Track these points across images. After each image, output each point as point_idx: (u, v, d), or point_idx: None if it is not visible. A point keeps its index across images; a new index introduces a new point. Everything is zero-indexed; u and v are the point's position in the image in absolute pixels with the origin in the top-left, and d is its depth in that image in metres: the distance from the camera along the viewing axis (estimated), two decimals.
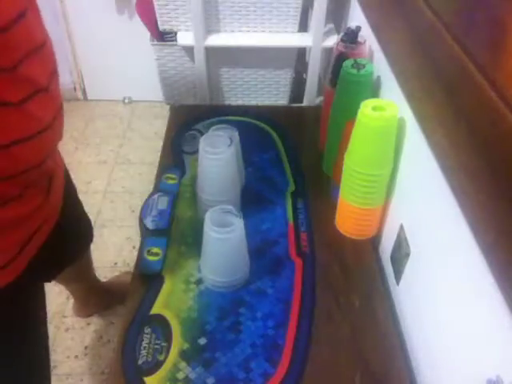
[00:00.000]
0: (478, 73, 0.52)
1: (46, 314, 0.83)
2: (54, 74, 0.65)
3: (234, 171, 0.86)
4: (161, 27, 1.32)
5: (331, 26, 1.34)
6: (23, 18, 0.54)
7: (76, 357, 1.31)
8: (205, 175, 0.84)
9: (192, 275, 0.80)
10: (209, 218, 0.73)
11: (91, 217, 1.14)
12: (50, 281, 1.08)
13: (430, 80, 0.63)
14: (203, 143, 0.81)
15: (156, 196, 0.93)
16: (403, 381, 0.68)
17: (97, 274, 1.36)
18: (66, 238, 0.87)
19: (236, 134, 0.90)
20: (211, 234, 0.72)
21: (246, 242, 0.77)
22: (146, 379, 0.65)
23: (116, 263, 1.56)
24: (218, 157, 0.81)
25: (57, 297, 1.45)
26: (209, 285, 0.78)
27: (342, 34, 0.96)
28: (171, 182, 0.98)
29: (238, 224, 0.73)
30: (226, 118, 1.15)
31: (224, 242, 0.73)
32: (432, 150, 0.63)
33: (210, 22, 1.27)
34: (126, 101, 2.27)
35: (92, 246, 1.21)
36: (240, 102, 1.47)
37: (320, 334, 0.72)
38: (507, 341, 0.48)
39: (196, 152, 1.06)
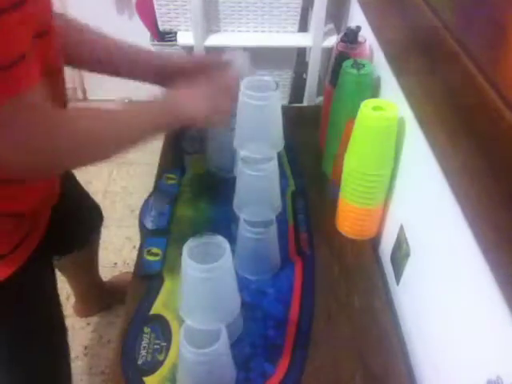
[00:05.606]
0: (477, 73, 0.52)
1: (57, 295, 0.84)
2: None
3: (276, 184, 0.77)
4: (161, 27, 1.32)
5: (331, 26, 1.34)
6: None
7: (76, 357, 1.31)
8: (244, 189, 0.75)
9: None
10: (187, 250, 0.56)
11: None
12: (60, 257, 1.10)
13: (429, 80, 0.63)
14: (242, 160, 0.74)
15: (156, 196, 0.93)
16: (403, 381, 0.68)
17: None
18: (74, 219, 0.91)
19: None
20: (190, 271, 0.56)
21: (236, 281, 0.62)
22: (146, 379, 0.65)
23: (116, 263, 1.56)
24: (258, 173, 0.72)
25: None
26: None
27: (341, 34, 0.96)
28: (171, 182, 0.97)
29: (227, 257, 0.56)
30: None
31: (206, 281, 0.56)
32: (432, 150, 0.63)
33: (210, 22, 1.27)
34: (126, 101, 2.26)
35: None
36: None
37: (320, 334, 0.72)
38: (507, 341, 0.48)
39: (196, 152, 1.06)
